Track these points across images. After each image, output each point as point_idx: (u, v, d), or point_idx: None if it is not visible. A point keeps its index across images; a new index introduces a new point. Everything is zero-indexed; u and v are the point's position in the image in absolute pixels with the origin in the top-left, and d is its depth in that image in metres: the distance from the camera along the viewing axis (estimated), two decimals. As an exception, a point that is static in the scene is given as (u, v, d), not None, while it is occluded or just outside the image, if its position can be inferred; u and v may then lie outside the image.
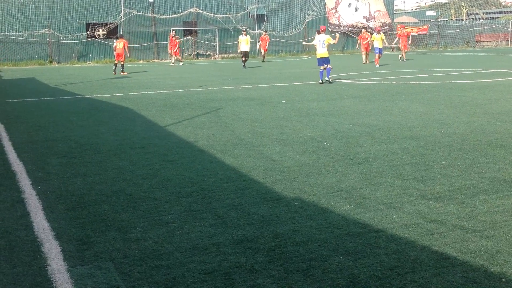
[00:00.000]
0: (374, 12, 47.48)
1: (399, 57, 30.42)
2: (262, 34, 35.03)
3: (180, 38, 33.24)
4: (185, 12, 38.89)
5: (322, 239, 4.16)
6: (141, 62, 36.74)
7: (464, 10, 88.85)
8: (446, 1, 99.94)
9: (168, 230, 4.45)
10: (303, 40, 24.56)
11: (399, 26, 34.48)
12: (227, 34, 40.41)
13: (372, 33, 30.39)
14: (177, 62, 31.87)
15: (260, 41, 34.86)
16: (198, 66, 30.46)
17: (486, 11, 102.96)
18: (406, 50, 30.41)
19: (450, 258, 3.78)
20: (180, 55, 32.18)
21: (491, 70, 21.45)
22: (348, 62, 30.31)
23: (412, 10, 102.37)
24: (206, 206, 5.05)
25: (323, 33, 17.86)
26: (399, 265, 3.68)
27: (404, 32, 30.68)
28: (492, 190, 5.38)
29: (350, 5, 46.23)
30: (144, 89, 17.13)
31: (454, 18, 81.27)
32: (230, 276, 3.58)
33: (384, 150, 7.26)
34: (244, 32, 28.28)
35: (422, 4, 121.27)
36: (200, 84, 18.43)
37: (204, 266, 3.74)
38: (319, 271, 3.62)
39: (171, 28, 36.37)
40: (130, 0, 37.17)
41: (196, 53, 39.78)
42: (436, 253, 3.87)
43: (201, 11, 39.41)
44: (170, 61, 33.29)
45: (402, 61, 29.57)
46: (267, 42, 33.86)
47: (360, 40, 29.48)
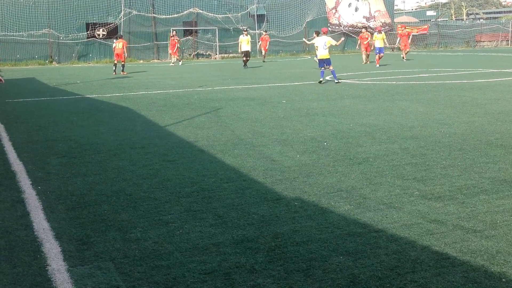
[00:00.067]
0: (374, 12, 47.49)
1: (402, 57, 30.30)
2: (262, 34, 35.03)
3: (178, 38, 33.15)
4: (185, 12, 38.90)
5: (322, 239, 4.16)
6: (141, 62, 36.75)
7: (464, 10, 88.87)
8: (446, 1, 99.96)
9: (168, 230, 4.45)
10: (304, 38, 24.57)
11: (400, 26, 34.49)
12: (227, 34, 40.42)
13: (372, 32, 30.39)
14: (176, 62, 31.90)
15: (260, 41, 34.86)
16: (198, 66, 30.46)
17: (486, 11, 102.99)
18: (408, 49, 30.37)
19: (451, 258, 3.78)
20: (178, 55, 32.16)
21: (491, 70, 21.45)
22: (348, 62, 30.31)
23: (412, 10, 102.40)
24: (206, 206, 5.05)
25: (325, 35, 17.92)
26: (399, 265, 3.68)
27: (405, 31, 30.67)
28: (492, 190, 5.37)
29: (350, 5, 46.24)
30: (144, 89, 17.13)
31: (454, 18, 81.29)
32: (230, 276, 3.58)
33: (384, 150, 7.25)
34: (245, 32, 28.28)
35: (422, 4, 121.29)
36: (200, 84, 18.43)
37: (204, 266, 3.74)
38: (319, 271, 3.61)
39: (171, 28, 36.40)
40: (130, 0, 37.18)
41: (196, 53, 39.79)
42: (436, 253, 3.86)
43: (201, 11, 39.41)
44: (170, 61, 33.30)
45: (404, 60, 29.52)
46: (267, 42, 33.86)
47: (360, 40, 29.46)
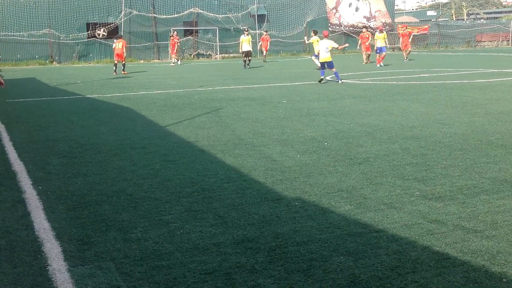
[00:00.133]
0: (375, 12, 47.47)
1: (404, 56, 30.18)
2: (263, 34, 35.03)
3: (178, 38, 33.15)
4: (185, 12, 38.91)
5: (322, 239, 4.16)
6: (141, 62, 36.76)
7: (464, 10, 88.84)
8: (447, 1, 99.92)
9: (168, 230, 4.45)
10: (305, 36, 24.62)
11: (401, 26, 34.49)
12: (228, 34, 40.43)
13: (373, 32, 30.36)
14: (176, 62, 31.92)
15: (260, 41, 34.86)
16: (199, 66, 30.47)
17: (486, 11, 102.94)
18: (409, 49, 30.30)
19: (451, 258, 3.78)
20: (176, 55, 32.14)
21: (492, 70, 21.44)
22: (348, 62, 30.31)
23: (412, 10, 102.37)
24: (206, 206, 5.05)
25: (326, 38, 17.98)
26: (400, 265, 3.68)
27: (406, 31, 30.67)
28: (493, 190, 5.37)
29: (350, 5, 46.23)
30: (144, 89, 17.14)
31: (454, 18, 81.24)
32: (230, 276, 3.58)
33: (384, 150, 7.25)
34: (245, 32, 28.26)
35: (423, 4, 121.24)
36: (200, 84, 18.43)
37: (204, 266, 3.74)
38: (320, 271, 3.62)
39: (172, 28, 36.42)
40: (130, 0, 37.19)
41: (196, 53, 39.79)
42: (437, 253, 3.86)
43: (201, 11, 39.42)
44: (170, 61, 33.31)
45: (405, 60, 29.47)
46: (268, 42, 33.86)
47: (361, 40, 29.44)
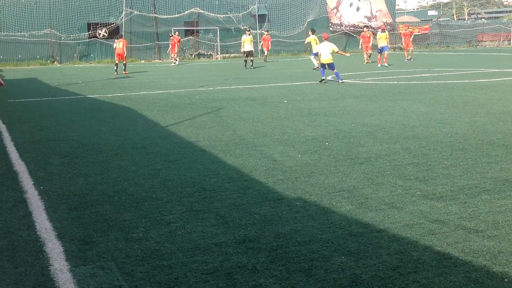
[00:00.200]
0: (376, 11, 47.46)
1: (409, 57, 30.01)
2: (264, 34, 35.03)
3: (178, 38, 33.12)
4: (186, 12, 38.92)
5: (324, 239, 4.16)
6: (142, 62, 36.78)
7: (465, 9, 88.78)
8: (448, 0, 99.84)
9: (170, 230, 4.45)
10: (305, 39, 24.69)
11: (403, 25, 34.48)
12: (229, 34, 40.44)
13: (375, 32, 30.33)
14: (175, 62, 31.95)
15: (262, 41, 34.85)
16: (200, 66, 30.48)
17: (487, 11, 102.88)
18: (411, 48, 30.25)
19: (453, 258, 3.78)
20: (175, 55, 32.14)
21: (493, 70, 21.43)
22: (349, 62, 30.29)
23: (413, 9, 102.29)
24: (208, 206, 5.05)
25: (326, 40, 18.00)
26: (401, 265, 3.68)
27: (408, 31, 30.65)
28: (494, 190, 5.37)
29: (351, 4, 46.22)
30: (145, 89, 17.15)
31: (456, 18, 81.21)
32: (232, 276, 3.58)
33: (386, 150, 7.25)
34: (247, 32, 28.23)
35: (424, 3, 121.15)
36: (201, 84, 18.44)
37: (206, 266, 3.74)
38: (321, 271, 3.62)
39: (173, 28, 36.42)
40: (131, 0, 37.21)
41: (197, 53, 39.80)
42: (438, 253, 3.86)
43: (202, 11, 39.43)
44: (171, 61, 33.33)
45: (410, 60, 29.34)
46: (269, 42, 33.86)
47: (362, 39, 29.42)
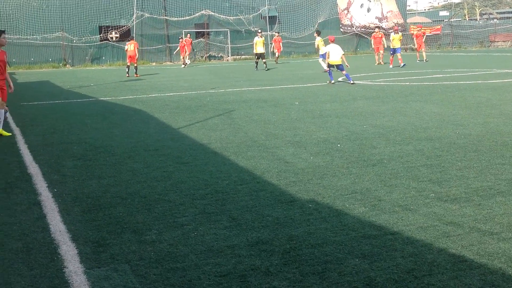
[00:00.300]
0: (387, 12, 47.29)
1: (423, 59, 29.75)
2: (275, 35, 35.02)
3: (189, 40, 33.27)
4: (197, 14, 39.04)
5: (337, 242, 4.14)
6: (153, 64, 36.94)
7: (477, 10, 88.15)
8: (459, 1, 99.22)
9: (183, 232, 4.46)
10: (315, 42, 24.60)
11: (415, 26, 34.33)
12: (239, 35, 40.50)
13: (387, 33, 30.19)
14: (185, 64, 32.05)
15: (273, 42, 34.85)
16: (211, 68, 30.54)
17: (499, 11, 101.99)
18: (423, 48, 30.09)
19: (467, 260, 3.75)
20: (183, 57, 32.23)
21: (506, 70, 21.25)
22: (361, 63, 30.20)
23: (425, 10, 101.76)
24: (220, 208, 5.06)
25: (333, 43, 18.00)
26: (416, 268, 3.65)
27: (420, 32, 30.50)
28: (509, 191, 5.32)
29: (362, 5, 46.10)
30: (157, 91, 17.22)
31: (467, 18, 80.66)
32: (245, 278, 3.58)
33: (398, 152, 7.21)
34: (259, 33, 28.17)
35: (435, 4, 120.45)
36: (212, 86, 18.47)
37: (219, 268, 3.75)
38: (335, 274, 3.60)
39: (183, 30, 36.55)
40: (142, 2, 37.41)
41: (208, 55, 39.89)
42: (453, 255, 3.83)
43: (212, 13, 39.53)
44: (180, 63, 33.43)
45: (424, 61, 29.11)
46: (280, 43, 33.84)
47: (373, 40, 29.29)
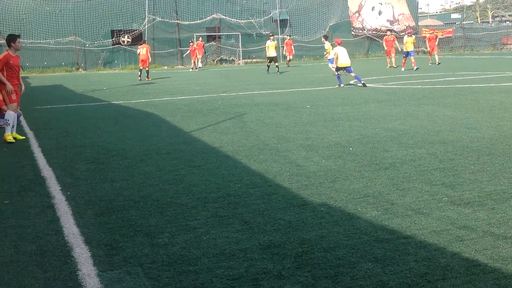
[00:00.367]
0: (398, 15, 47.12)
1: (435, 62, 29.63)
2: (287, 38, 35.01)
3: (199, 43, 33.45)
4: (208, 18, 39.19)
5: (349, 245, 4.13)
6: (165, 68, 37.11)
7: (489, 12, 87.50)
8: (471, 3, 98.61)
9: (195, 235, 4.47)
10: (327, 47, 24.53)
11: (428, 29, 34.16)
12: (250, 39, 40.57)
13: (399, 36, 30.07)
14: (194, 68, 32.12)
15: (284, 46, 34.86)
16: (222, 72, 30.61)
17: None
18: (436, 51, 29.97)
19: (481, 265, 3.72)
20: (195, 61, 32.35)
21: (519, 73, 21.07)
22: (372, 66, 30.13)
23: (436, 13, 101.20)
24: (232, 212, 5.06)
25: (339, 45, 18.12)
26: (429, 272, 3.63)
27: (433, 35, 30.37)
28: (523, 195, 5.27)
29: (373, 8, 45.99)
30: (168, 95, 17.29)
31: (479, 21, 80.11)
32: (258, 282, 3.58)
33: (411, 155, 7.18)
34: (271, 37, 28.13)
35: (447, 6, 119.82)
36: (224, 89, 18.52)
37: (231, 271, 3.75)
38: (348, 278, 3.59)
39: (195, 34, 36.69)
40: (154, 6, 37.62)
41: (219, 58, 40.00)
42: (466, 260, 3.81)
43: (224, 17, 39.65)
44: (190, 66, 33.54)
45: (430, 63, 29.12)
46: (292, 46, 33.84)
47: (385, 43, 29.21)
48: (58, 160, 7.69)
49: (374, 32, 45.18)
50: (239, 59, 39.98)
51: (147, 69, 24.48)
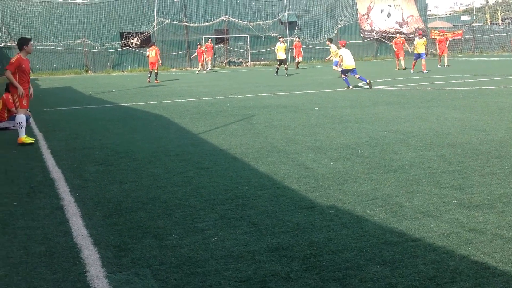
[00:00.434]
0: (407, 17, 46.96)
1: (444, 64, 29.51)
2: (296, 41, 34.99)
3: (208, 45, 33.57)
4: (216, 20, 39.26)
5: (358, 248, 4.12)
6: (174, 70, 37.21)
7: (499, 14, 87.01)
8: (481, 5, 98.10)
9: (203, 237, 4.48)
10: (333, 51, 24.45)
11: (437, 31, 34.00)
12: (259, 41, 40.59)
13: (409, 38, 29.94)
14: (201, 70, 32.17)
15: (293, 48, 34.82)
16: (230, 74, 30.65)
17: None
18: (447, 53, 29.84)
19: (490, 268, 3.70)
20: (203, 63, 32.41)
21: (529, 75, 20.93)
22: (381, 68, 30.05)
23: (446, 15, 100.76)
24: (240, 214, 5.07)
25: (344, 47, 18.17)
26: (438, 275, 3.61)
27: (444, 37, 30.25)
28: (533, 198, 5.23)
29: (382, 10, 45.87)
30: (177, 97, 17.33)
31: (489, 23, 79.69)
32: (266, 284, 3.58)
33: (420, 158, 7.15)
34: (281, 39, 28.08)
35: (456, 8, 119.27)
36: (232, 91, 18.54)
37: (239, 274, 3.75)
38: (356, 280, 3.58)
39: (203, 36, 36.78)
40: (163, 9, 37.75)
41: (228, 60, 40.06)
42: (475, 263, 3.79)
43: (232, 19, 39.70)
44: (202, 69, 33.62)
45: (439, 65, 29.03)
46: (300, 48, 33.83)
47: (395, 45, 29.12)
48: (67, 162, 7.73)
49: (383, 34, 45.06)
50: (248, 61, 40.01)
51: (156, 71, 24.56)
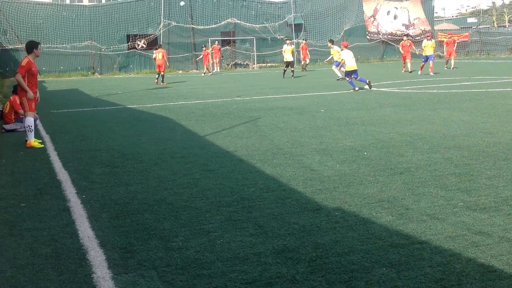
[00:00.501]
0: (414, 19, 46.85)
1: (451, 67, 29.41)
2: (302, 43, 34.98)
3: (215, 47, 33.65)
4: (223, 22, 39.31)
5: (364, 250, 4.11)
6: (180, 72, 37.28)
7: (506, 16, 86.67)
8: (488, 7, 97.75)
9: (209, 239, 4.48)
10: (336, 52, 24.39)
11: (445, 33, 33.89)
12: (265, 43, 40.60)
13: (414, 40, 29.86)
14: (206, 72, 32.19)
15: (300, 50, 34.79)
16: (236, 76, 30.68)
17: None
18: (455, 56, 29.75)
19: (497, 270, 3.68)
20: (207, 66, 32.43)
21: (537, 77, 20.83)
22: (387, 71, 29.99)
23: (452, 17, 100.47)
24: (246, 216, 5.07)
25: (346, 48, 18.36)
26: (444, 277, 3.60)
27: (451, 39, 30.19)
28: (540, 201, 5.20)
29: (389, 12, 45.78)
30: (183, 99, 17.37)
31: (496, 25, 79.39)
32: (271, 286, 3.58)
33: (426, 160, 7.13)
34: (288, 41, 28.07)
35: (463, 11, 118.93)
36: (238, 93, 18.55)
37: (245, 276, 3.75)
38: (362, 283, 3.57)
39: (210, 38, 36.84)
40: (169, 11, 37.85)
41: (234, 63, 40.10)
42: (482, 265, 3.77)
43: (238, 21, 39.74)
44: (203, 71, 33.66)
45: (446, 68, 28.98)
46: (307, 51, 33.82)
47: (401, 47, 29.04)
48: (74, 163, 7.76)
49: (389, 36, 44.96)
50: (254, 64, 40.03)
51: (163, 73, 24.63)
